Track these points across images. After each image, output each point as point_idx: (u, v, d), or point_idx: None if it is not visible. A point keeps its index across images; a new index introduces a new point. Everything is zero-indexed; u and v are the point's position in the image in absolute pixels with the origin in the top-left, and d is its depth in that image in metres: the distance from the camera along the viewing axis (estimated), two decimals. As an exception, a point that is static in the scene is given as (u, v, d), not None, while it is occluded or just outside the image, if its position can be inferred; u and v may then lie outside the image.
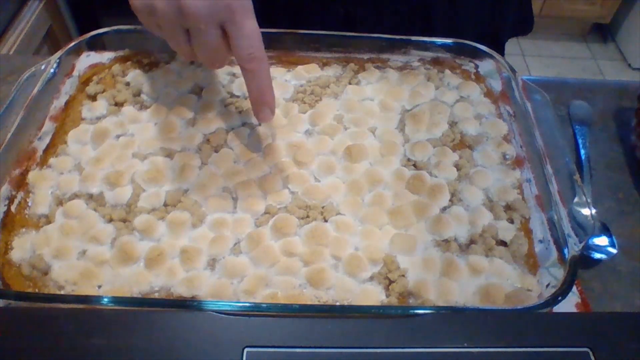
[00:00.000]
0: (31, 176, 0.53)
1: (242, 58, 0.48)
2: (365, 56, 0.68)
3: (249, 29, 0.47)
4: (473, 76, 0.67)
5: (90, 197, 0.52)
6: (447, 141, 0.59)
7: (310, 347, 0.35)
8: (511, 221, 0.52)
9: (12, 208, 0.51)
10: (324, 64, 0.67)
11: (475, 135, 0.60)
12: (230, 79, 0.65)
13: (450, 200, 0.53)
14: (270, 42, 0.66)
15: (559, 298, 0.42)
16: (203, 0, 0.45)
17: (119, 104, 0.62)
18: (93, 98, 0.62)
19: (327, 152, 0.57)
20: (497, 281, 0.47)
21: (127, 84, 0.64)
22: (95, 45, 0.65)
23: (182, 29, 0.48)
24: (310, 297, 0.46)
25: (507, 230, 0.51)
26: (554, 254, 0.47)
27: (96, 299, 0.41)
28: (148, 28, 0.53)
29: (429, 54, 0.67)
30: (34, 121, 0.57)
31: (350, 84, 0.65)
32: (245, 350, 0.35)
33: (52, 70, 0.59)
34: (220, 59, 0.51)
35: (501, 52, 0.83)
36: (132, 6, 0.51)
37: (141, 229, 0.49)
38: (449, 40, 0.66)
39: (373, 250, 0.48)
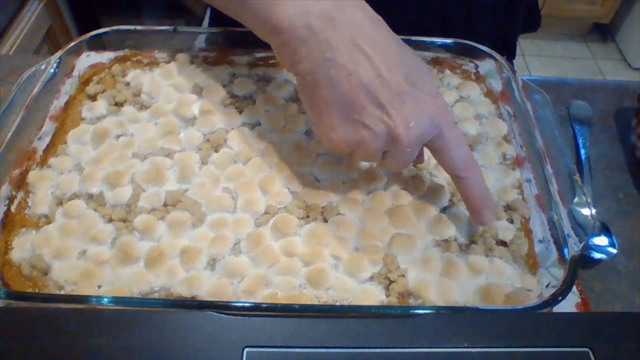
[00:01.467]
0: (31, 176, 0.53)
1: (457, 168, 0.46)
2: (365, 56, 0.67)
3: (457, 139, 0.45)
4: (473, 76, 0.67)
5: (90, 197, 0.52)
6: (447, 141, 0.59)
7: (310, 347, 0.35)
8: (511, 221, 0.52)
9: (12, 208, 0.51)
10: (324, 64, 0.67)
11: (475, 135, 0.60)
12: (230, 79, 0.65)
13: (450, 200, 0.53)
14: (270, 42, 0.66)
15: (559, 298, 0.42)
16: (414, 127, 0.43)
17: (119, 104, 0.62)
18: (93, 98, 0.62)
19: (327, 152, 0.57)
20: (497, 281, 0.47)
21: (127, 84, 0.64)
22: (95, 45, 0.65)
23: (382, 152, 0.46)
24: (310, 297, 0.46)
25: (507, 230, 0.51)
26: (554, 254, 0.48)
27: (96, 299, 0.41)
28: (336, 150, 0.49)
29: (429, 54, 0.67)
30: (34, 121, 0.57)
31: (350, 84, 0.65)
32: (245, 350, 0.35)
33: (52, 70, 0.59)
34: (404, 168, 0.50)
35: (513, 53, 0.84)
36: (330, 140, 0.46)
37: (141, 229, 0.49)
38: (449, 40, 0.66)
39: (373, 250, 0.48)
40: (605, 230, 0.56)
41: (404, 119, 0.42)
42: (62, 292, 0.46)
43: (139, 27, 0.65)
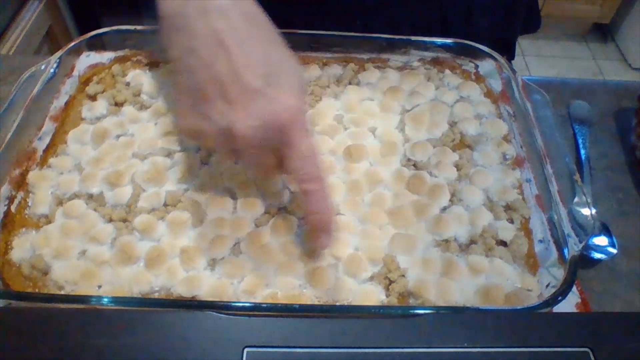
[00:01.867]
0: (31, 176, 0.53)
1: (298, 178, 0.44)
2: (365, 56, 0.67)
3: (305, 149, 0.43)
4: (473, 76, 0.67)
5: (90, 197, 0.52)
6: (447, 141, 0.59)
7: (310, 347, 0.35)
8: (511, 221, 0.52)
9: (12, 208, 0.51)
10: (324, 64, 0.67)
11: (475, 135, 0.60)
12: (230, 79, 0.65)
13: (450, 200, 0.53)
14: (270, 42, 0.66)
15: (559, 298, 0.43)
16: (256, 127, 0.41)
17: (119, 104, 0.62)
18: (93, 98, 0.62)
19: (327, 152, 0.57)
20: (497, 281, 0.47)
21: (127, 84, 0.64)
22: (95, 45, 0.65)
23: (230, 149, 0.45)
24: (310, 297, 0.46)
25: (507, 230, 0.51)
26: (554, 254, 0.48)
27: (96, 299, 0.41)
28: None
29: (429, 54, 0.67)
30: (34, 121, 0.57)
31: (350, 84, 0.65)
32: (245, 350, 0.35)
33: (52, 70, 0.59)
34: (270, 174, 0.49)
35: (512, 53, 0.84)
36: (179, 127, 0.47)
37: (141, 229, 0.49)
38: (449, 40, 0.66)
39: (373, 250, 0.48)
40: (605, 230, 0.56)
41: (247, 118, 0.41)
42: (62, 292, 0.46)
43: (139, 27, 0.65)
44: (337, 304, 0.45)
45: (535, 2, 0.84)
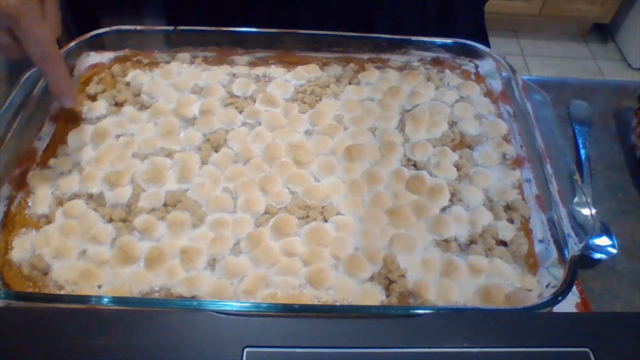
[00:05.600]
0: (31, 176, 0.53)
1: (35, 60, 0.50)
2: (365, 56, 0.68)
3: (37, 35, 0.48)
4: (473, 76, 0.67)
5: (90, 197, 0.52)
6: (447, 141, 0.59)
7: (310, 347, 0.35)
8: (511, 221, 0.52)
9: (12, 208, 0.51)
10: (324, 64, 0.67)
11: (475, 135, 0.60)
12: (230, 79, 0.65)
13: (450, 200, 0.53)
14: (270, 42, 0.66)
15: (559, 298, 0.42)
16: None
17: (119, 104, 0.62)
18: (93, 98, 0.62)
19: (327, 152, 0.57)
20: (497, 281, 0.47)
21: (127, 84, 0.64)
22: (95, 45, 0.65)
23: None
24: (310, 297, 0.46)
25: (507, 230, 0.51)
26: (554, 254, 0.48)
27: (96, 299, 0.41)
28: None
29: (428, 54, 0.67)
30: (34, 121, 0.57)
31: (350, 84, 0.65)
32: (245, 350, 0.35)
33: (52, 70, 0.59)
34: (15, 55, 0.51)
35: (487, 42, 0.83)
36: None
37: (141, 229, 0.49)
38: (449, 40, 0.66)
39: (373, 250, 0.48)
40: (605, 230, 0.56)
41: None
42: (62, 292, 0.46)
43: (139, 27, 0.65)
44: (337, 304, 0.45)
45: None
